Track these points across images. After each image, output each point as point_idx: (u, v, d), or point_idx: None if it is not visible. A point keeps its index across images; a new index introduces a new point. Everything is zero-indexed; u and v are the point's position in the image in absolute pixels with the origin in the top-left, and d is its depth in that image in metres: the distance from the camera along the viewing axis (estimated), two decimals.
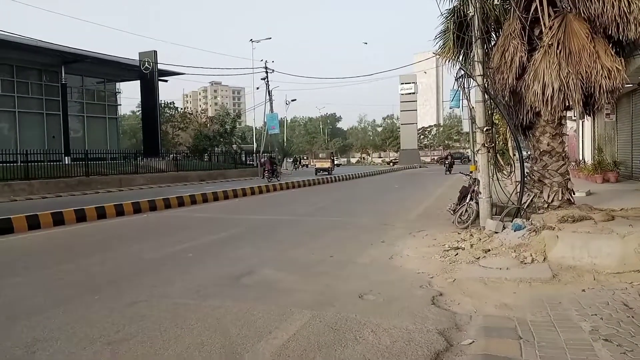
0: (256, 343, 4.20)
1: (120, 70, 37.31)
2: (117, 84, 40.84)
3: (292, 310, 5.04)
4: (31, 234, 10.86)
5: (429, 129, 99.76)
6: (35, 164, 22.72)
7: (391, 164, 73.98)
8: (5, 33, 24.29)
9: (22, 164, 22.39)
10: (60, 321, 4.91)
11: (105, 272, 7.16)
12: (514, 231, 7.67)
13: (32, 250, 9.32)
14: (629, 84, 12.67)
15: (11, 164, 21.81)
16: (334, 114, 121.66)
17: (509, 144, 15.04)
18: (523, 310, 4.84)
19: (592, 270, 6.03)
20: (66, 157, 27.82)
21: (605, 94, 8.55)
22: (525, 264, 6.51)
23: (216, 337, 4.37)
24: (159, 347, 4.17)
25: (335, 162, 48.37)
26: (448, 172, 36.45)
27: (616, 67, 8.36)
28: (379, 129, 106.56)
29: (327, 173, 37.78)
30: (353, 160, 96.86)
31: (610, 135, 21.21)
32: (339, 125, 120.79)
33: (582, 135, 25.96)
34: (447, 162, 39.51)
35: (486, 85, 9.31)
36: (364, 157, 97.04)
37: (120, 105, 43.86)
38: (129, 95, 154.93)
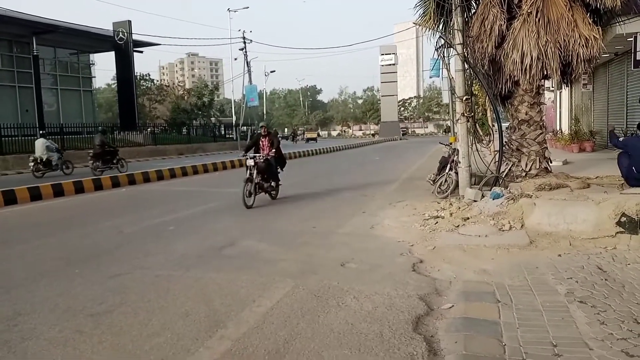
0: (240, 311, 4.23)
1: (93, 41, 36.31)
2: (91, 55, 39.69)
3: (275, 279, 5.08)
4: (8, 209, 10.67)
5: (409, 101, 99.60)
6: (9, 138, 22.15)
7: (375, 136, 74.23)
8: None
9: None
10: (42, 295, 4.87)
11: (86, 246, 7.10)
12: (493, 199, 7.78)
13: (10, 225, 9.17)
14: (605, 53, 12.81)
15: None
16: (314, 86, 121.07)
17: (488, 114, 15.16)
18: (501, 275, 4.95)
19: (568, 236, 6.18)
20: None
21: (583, 63, 8.65)
22: (503, 231, 6.64)
23: (200, 307, 4.38)
24: (143, 318, 4.18)
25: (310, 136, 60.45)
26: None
27: (593, 36, 8.44)
28: (360, 101, 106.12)
29: (314, 141, 55.13)
30: (334, 134, 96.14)
31: (587, 105, 21.49)
32: (319, 97, 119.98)
33: (560, 105, 26.27)
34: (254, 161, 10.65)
35: (466, 54, 9.30)
36: (344, 131, 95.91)
37: (95, 77, 42.85)
38: (103, 67, 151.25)
